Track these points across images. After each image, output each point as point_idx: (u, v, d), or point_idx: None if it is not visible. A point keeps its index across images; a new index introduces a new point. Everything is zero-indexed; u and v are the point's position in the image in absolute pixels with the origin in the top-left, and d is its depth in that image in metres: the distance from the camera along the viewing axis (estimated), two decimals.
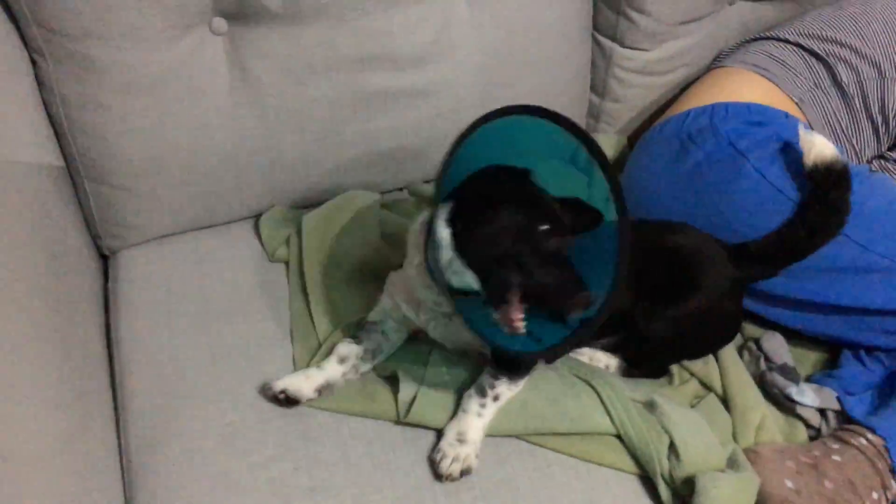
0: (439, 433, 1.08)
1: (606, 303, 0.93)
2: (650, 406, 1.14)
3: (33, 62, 1.13)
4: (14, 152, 1.11)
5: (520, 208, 0.95)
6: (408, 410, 1.08)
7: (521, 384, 1.09)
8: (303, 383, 1.10)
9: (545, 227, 0.94)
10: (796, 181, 1.21)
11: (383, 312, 1.16)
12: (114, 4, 1.08)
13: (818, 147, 1.15)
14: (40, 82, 1.14)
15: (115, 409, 1.12)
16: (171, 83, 1.17)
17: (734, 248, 1.20)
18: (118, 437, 1.09)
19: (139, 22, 1.11)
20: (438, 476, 1.04)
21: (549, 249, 0.93)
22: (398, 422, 1.09)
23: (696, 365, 1.24)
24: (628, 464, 1.10)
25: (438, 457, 1.05)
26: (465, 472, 1.04)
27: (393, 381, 1.12)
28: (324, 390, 1.11)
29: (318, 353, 1.16)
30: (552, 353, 1.04)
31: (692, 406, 1.19)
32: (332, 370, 1.12)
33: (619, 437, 1.11)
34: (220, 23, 1.18)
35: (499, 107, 0.92)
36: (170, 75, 1.17)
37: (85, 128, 1.17)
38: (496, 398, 1.08)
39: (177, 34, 1.15)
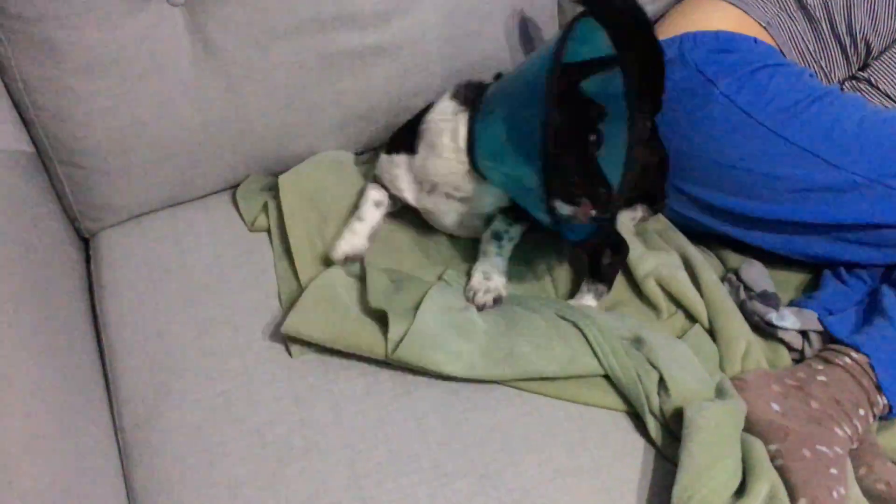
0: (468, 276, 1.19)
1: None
2: (638, 342, 1.15)
3: None
4: None
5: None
6: (395, 349, 1.07)
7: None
8: (356, 240, 1.21)
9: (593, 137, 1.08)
10: (766, 106, 1.21)
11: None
12: None
13: None
14: (1, 68, 1.13)
15: (107, 389, 1.13)
16: (132, 60, 1.16)
17: None
18: (112, 417, 1.10)
19: (94, 0, 1.10)
20: (479, 307, 1.15)
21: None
22: (386, 361, 1.09)
23: (683, 298, 1.24)
24: (618, 402, 1.11)
25: (472, 294, 1.16)
26: (497, 301, 1.16)
27: (383, 321, 1.11)
28: (373, 236, 1.23)
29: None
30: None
31: (679, 338, 1.20)
32: (371, 215, 1.24)
33: (607, 377, 1.12)
34: None
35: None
36: (130, 52, 1.15)
37: (50, 111, 1.16)
38: (511, 239, 1.20)
39: (134, 9, 1.13)
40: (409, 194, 1.23)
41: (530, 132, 1.02)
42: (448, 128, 1.17)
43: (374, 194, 1.26)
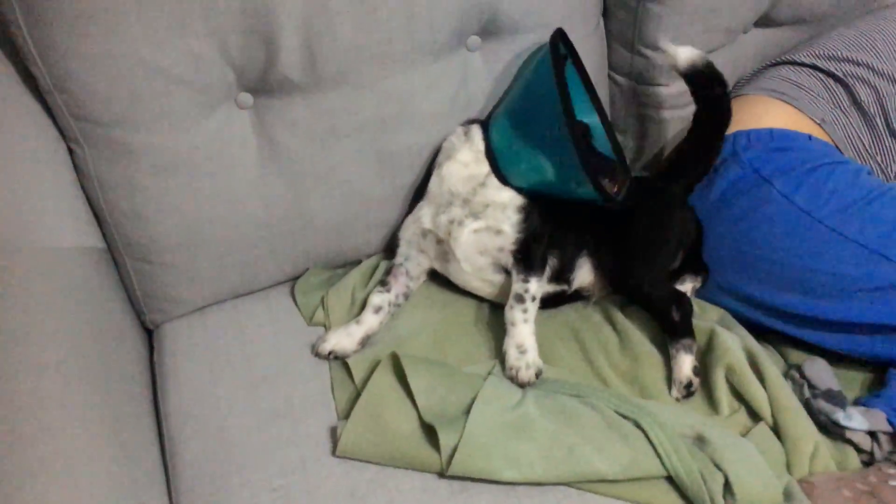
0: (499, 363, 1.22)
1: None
2: (701, 441, 1.12)
3: (70, 151, 1.18)
4: (57, 239, 1.16)
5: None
6: (450, 461, 1.07)
7: (544, 281, 1.26)
8: (345, 340, 1.25)
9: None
10: (825, 204, 1.21)
11: (405, 252, 1.34)
12: (144, 91, 1.12)
13: (683, 53, 1.30)
14: (78, 169, 1.19)
15: (167, 480, 1.14)
16: (202, 160, 1.21)
17: (663, 171, 1.40)
18: None
19: (169, 105, 1.15)
20: (522, 385, 1.18)
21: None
22: (443, 475, 1.09)
23: (747, 393, 1.21)
24: None
25: (514, 372, 1.19)
26: (538, 374, 1.19)
27: (435, 433, 1.11)
28: (365, 341, 1.26)
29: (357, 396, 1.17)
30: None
31: (743, 436, 1.17)
32: (369, 322, 1.27)
33: (669, 477, 1.09)
34: (246, 97, 1.22)
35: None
36: (201, 152, 1.21)
37: (123, 209, 1.21)
38: (533, 298, 1.23)
39: (205, 113, 1.19)
40: (427, 219, 1.30)
41: (551, 136, 1.17)
42: (461, 140, 1.29)
43: (375, 300, 1.29)
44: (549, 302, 1.33)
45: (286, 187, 1.28)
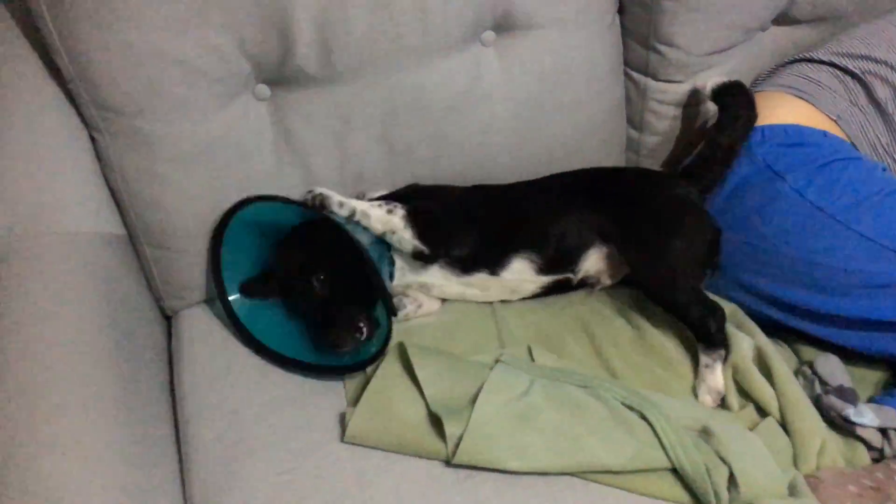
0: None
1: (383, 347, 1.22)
2: (706, 434, 1.12)
3: (93, 139, 1.21)
4: (78, 224, 1.19)
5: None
6: (455, 449, 1.08)
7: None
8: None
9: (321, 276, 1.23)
10: (837, 200, 1.20)
11: None
12: (164, 81, 1.16)
13: (712, 80, 1.39)
14: (100, 157, 1.22)
15: (180, 461, 1.16)
16: (219, 149, 1.24)
17: (680, 172, 1.39)
18: (183, 489, 1.13)
19: (187, 96, 1.18)
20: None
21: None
22: (449, 463, 1.10)
23: (754, 390, 1.21)
24: (684, 496, 1.08)
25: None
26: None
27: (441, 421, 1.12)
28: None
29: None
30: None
31: (750, 430, 1.16)
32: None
33: (674, 469, 1.09)
34: (263, 89, 1.25)
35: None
36: (218, 142, 1.24)
37: (142, 197, 1.24)
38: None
39: (223, 103, 1.22)
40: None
41: None
42: None
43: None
44: (555, 289, 1.34)
45: (300, 177, 1.31)
